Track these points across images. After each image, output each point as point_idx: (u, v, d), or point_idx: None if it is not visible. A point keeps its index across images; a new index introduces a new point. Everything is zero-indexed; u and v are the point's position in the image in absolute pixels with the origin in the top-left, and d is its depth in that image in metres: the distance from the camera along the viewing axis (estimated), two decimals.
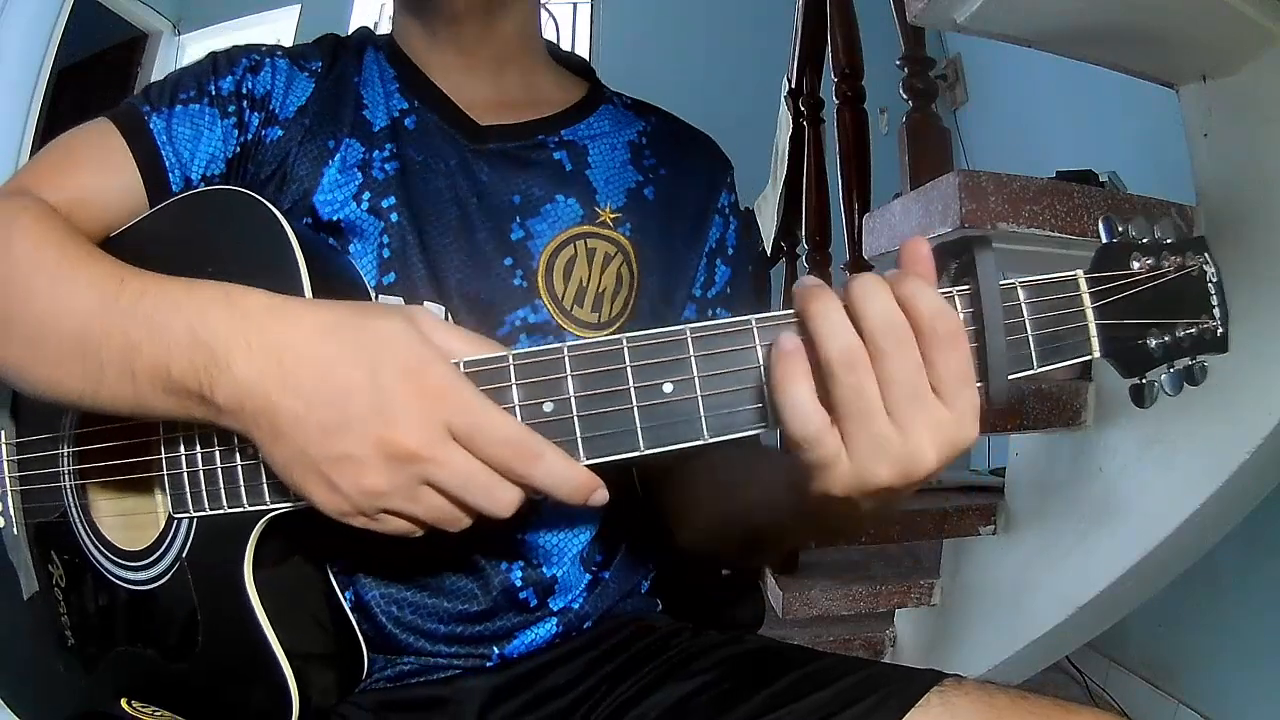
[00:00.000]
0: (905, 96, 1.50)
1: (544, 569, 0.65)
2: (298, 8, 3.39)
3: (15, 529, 0.64)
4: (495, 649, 0.64)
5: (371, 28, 0.74)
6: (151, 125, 0.61)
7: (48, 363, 0.48)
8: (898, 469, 0.40)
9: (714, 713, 0.57)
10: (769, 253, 2.11)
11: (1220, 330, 0.45)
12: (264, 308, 0.44)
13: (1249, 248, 1.06)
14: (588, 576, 0.68)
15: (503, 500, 0.43)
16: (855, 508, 0.44)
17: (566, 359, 0.44)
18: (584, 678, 0.65)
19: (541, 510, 0.65)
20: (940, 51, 3.06)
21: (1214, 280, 0.46)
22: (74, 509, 0.61)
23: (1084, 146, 2.28)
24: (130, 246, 0.59)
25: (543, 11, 0.76)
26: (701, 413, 0.43)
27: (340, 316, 0.44)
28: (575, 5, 3.71)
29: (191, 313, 0.44)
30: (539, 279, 0.65)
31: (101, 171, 0.60)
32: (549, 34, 0.78)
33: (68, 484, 0.61)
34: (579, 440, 0.44)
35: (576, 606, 0.67)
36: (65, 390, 0.48)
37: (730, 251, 0.74)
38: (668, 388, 0.43)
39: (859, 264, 1.65)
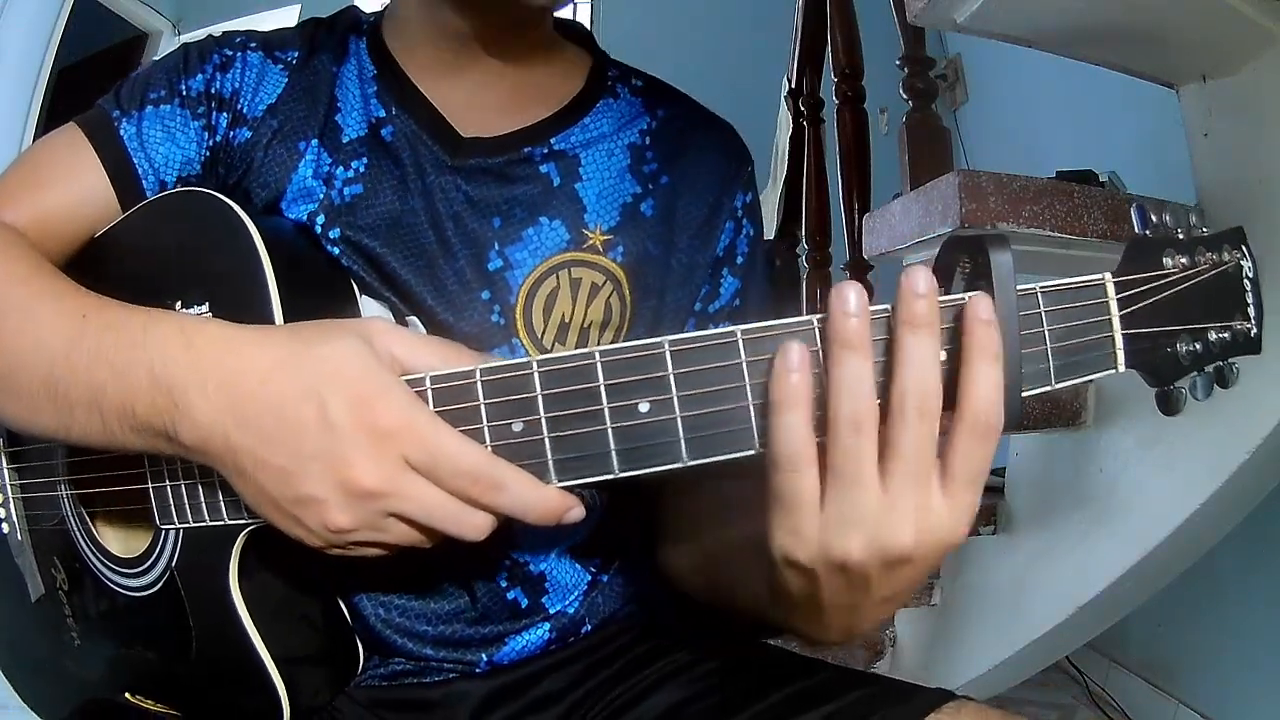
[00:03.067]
0: (905, 96, 1.50)
1: (530, 566, 0.63)
2: (298, 7, 3.39)
3: (19, 534, 0.64)
4: (484, 655, 0.62)
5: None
6: (122, 132, 0.59)
7: (20, 401, 0.48)
8: (871, 547, 0.37)
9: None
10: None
11: (1254, 331, 0.42)
12: (218, 343, 0.43)
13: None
14: (586, 576, 0.65)
15: (470, 525, 0.42)
16: (816, 589, 0.40)
17: (536, 376, 0.41)
18: (578, 684, 0.63)
19: None
20: (940, 51, 3.06)
21: (1250, 276, 0.42)
22: (71, 516, 0.61)
23: (1084, 146, 2.28)
24: (101, 255, 0.59)
25: None
26: (681, 434, 0.40)
27: (292, 346, 0.42)
28: (575, 5, 3.72)
29: (151, 353, 0.44)
30: (517, 315, 0.60)
31: (72, 186, 0.59)
32: None
33: (64, 492, 0.61)
34: (549, 462, 0.41)
35: (571, 611, 0.64)
36: (41, 426, 0.49)
37: (739, 260, 0.66)
38: (644, 407, 0.40)
39: (859, 264, 1.65)
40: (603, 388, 0.40)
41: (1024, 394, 0.39)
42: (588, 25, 3.64)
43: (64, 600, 0.62)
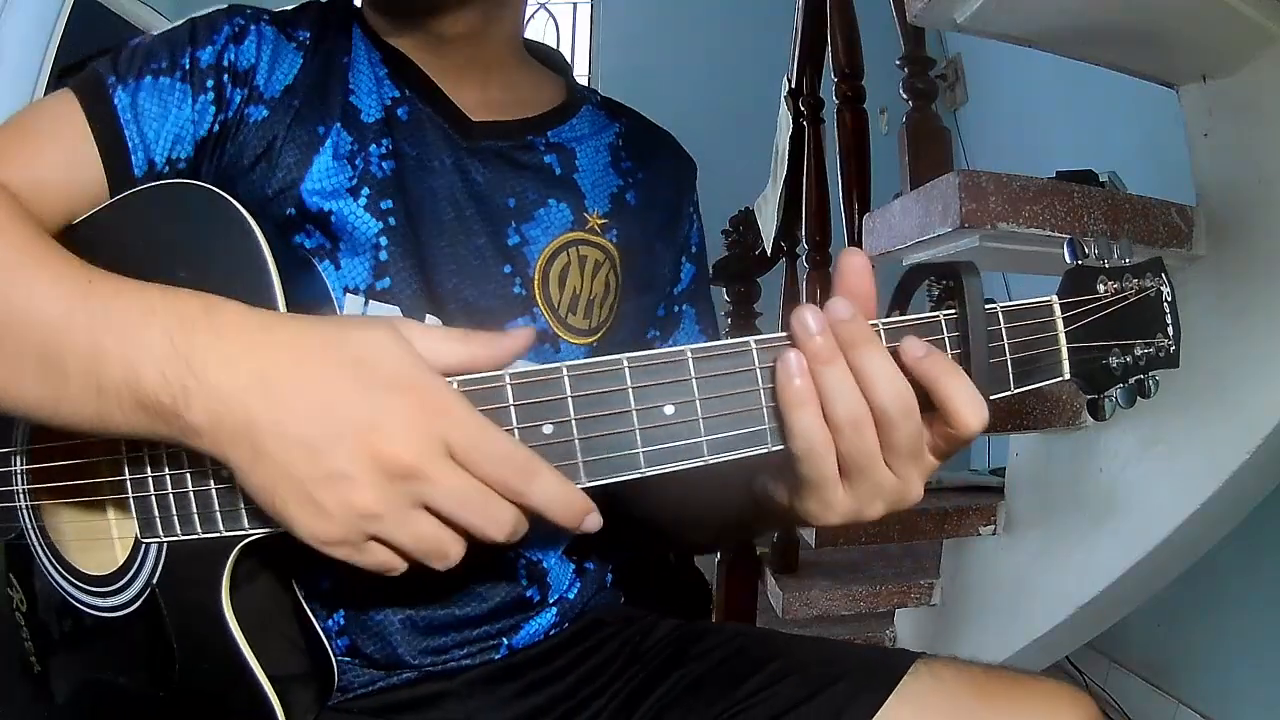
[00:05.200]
0: (905, 96, 1.49)
1: (542, 564, 0.67)
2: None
3: None
4: (504, 640, 0.65)
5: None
6: (116, 100, 0.56)
7: (5, 370, 0.43)
8: (891, 504, 0.45)
9: (722, 690, 0.61)
10: (769, 252, 2.11)
11: (1173, 348, 0.49)
12: (245, 319, 0.42)
13: (1249, 248, 1.06)
14: (571, 565, 0.69)
15: (496, 519, 0.41)
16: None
17: (566, 379, 0.42)
18: (578, 664, 0.67)
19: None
20: (940, 51, 3.05)
21: (1169, 300, 0.49)
22: (31, 530, 0.57)
23: (1084, 146, 2.28)
24: (86, 242, 0.53)
25: (543, 11, 0.74)
26: (703, 434, 0.43)
27: (325, 330, 0.42)
28: (575, 5, 3.71)
29: (169, 322, 0.41)
30: (536, 287, 0.64)
31: (62, 152, 0.55)
32: (549, 34, 0.76)
33: (23, 503, 0.57)
34: (580, 463, 0.43)
35: (571, 596, 0.69)
36: (24, 403, 0.44)
37: (693, 249, 0.75)
38: (669, 409, 0.43)
39: None
40: (630, 391, 0.42)
41: (990, 398, 0.44)
42: (587, 25, 3.64)
43: (21, 623, 0.59)
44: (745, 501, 0.53)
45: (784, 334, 0.43)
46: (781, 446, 0.43)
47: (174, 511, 0.48)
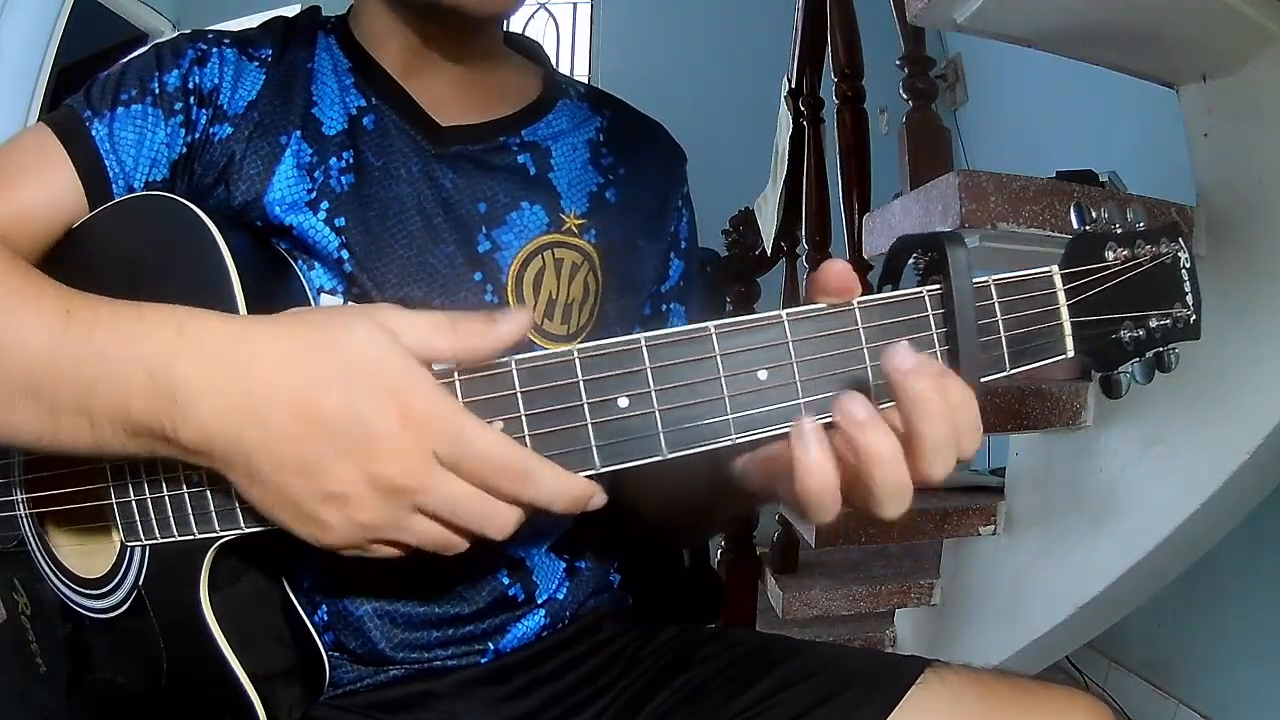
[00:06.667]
0: (905, 96, 1.49)
1: (526, 561, 0.66)
2: (297, 7, 3.39)
3: None
4: (490, 644, 0.64)
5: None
6: (94, 133, 0.57)
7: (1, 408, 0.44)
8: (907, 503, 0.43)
9: (727, 696, 0.60)
10: (769, 252, 2.11)
11: (1194, 318, 0.44)
12: (222, 336, 0.41)
13: (1249, 248, 1.06)
14: (561, 564, 0.68)
15: (496, 522, 0.41)
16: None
17: (515, 374, 0.41)
18: (575, 666, 0.66)
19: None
20: (940, 51, 3.05)
21: (1187, 266, 0.44)
22: (32, 538, 0.59)
23: (1084, 146, 2.28)
24: (60, 260, 0.56)
25: (543, 11, 0.74)
26: (659, 428, 0.41)
27: (306, 336, 0.41)
28: (575, 5, 3.71)
29: (145, 349, 0.41)
30: (509, 293, 0.62)
31: (43, 188, 0.56)
32: (549, 34, 0.75)
33: (23, 513, 0.58)
34: None
35: (561, 597, 0.67)
36: (23, 436, 0.45)
37: (683, 245, 0.73)
38: (623, 402, 0.41)
39: (859, 264, 1.65)
40: (581, 384, 0.41)
41: (982, 379, 0.41)
42: (587, 25, 3.64)
43: (27, 625, 0.60)
44: (712, 491, 0.52)
45: (744, 318, 0.41)
46: (745, 437, 0.41)
47: (152, 516, 0.49)
